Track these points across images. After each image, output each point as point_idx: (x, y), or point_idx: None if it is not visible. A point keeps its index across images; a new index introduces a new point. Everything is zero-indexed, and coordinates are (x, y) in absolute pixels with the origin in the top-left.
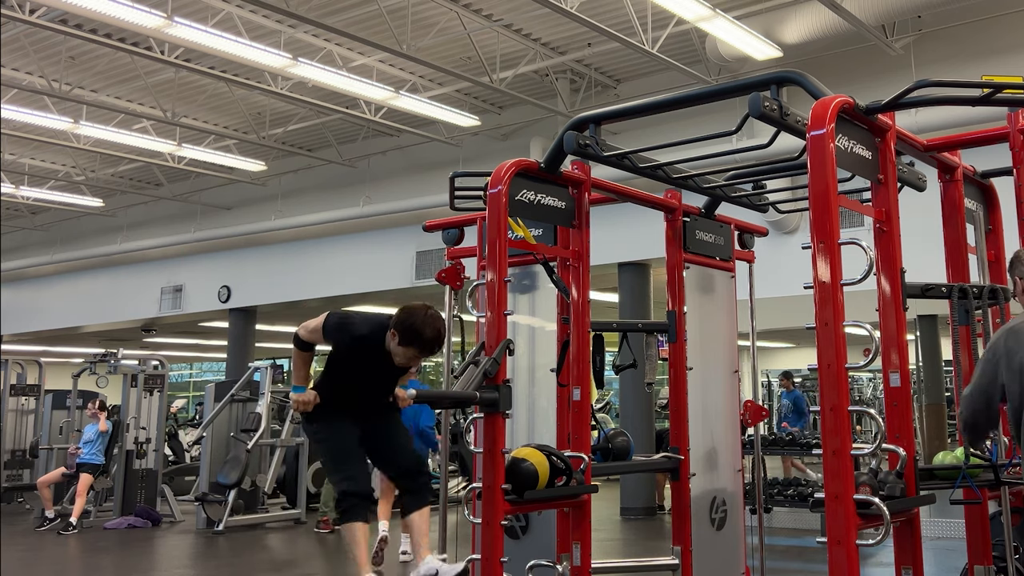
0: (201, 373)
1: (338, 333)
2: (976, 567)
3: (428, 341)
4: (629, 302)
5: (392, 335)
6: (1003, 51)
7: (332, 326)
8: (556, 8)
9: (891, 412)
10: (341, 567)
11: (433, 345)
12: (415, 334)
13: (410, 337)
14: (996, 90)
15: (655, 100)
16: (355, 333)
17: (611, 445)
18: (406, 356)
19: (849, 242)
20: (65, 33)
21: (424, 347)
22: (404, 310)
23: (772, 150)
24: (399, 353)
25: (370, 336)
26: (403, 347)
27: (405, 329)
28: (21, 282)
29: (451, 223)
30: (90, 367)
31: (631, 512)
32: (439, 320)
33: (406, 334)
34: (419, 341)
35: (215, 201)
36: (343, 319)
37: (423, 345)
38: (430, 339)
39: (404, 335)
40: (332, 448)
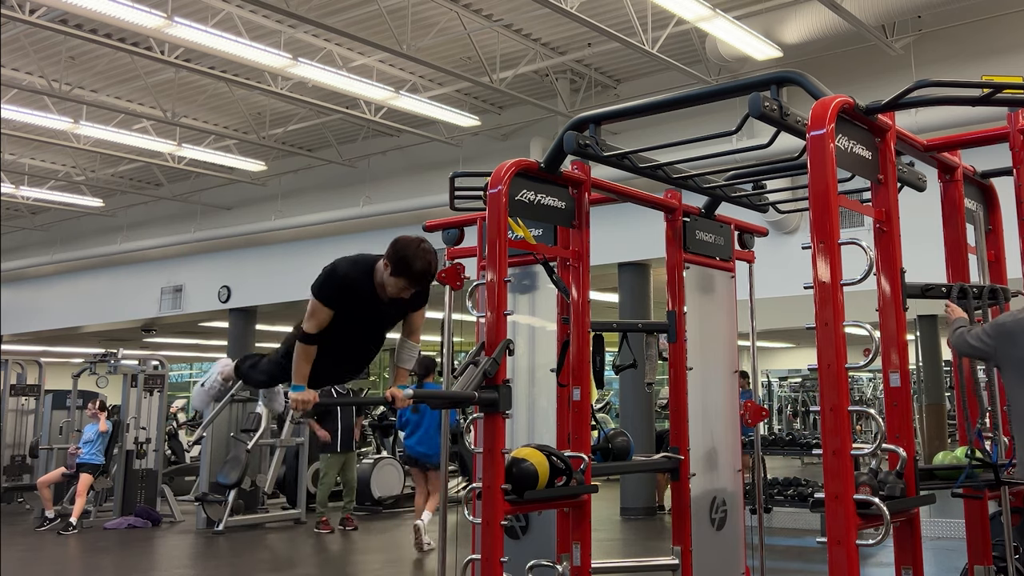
0: (201, 373)
1: (333, 290)
2: (976, 567)
3: (419, 272)
4: (629, 302)
5: (384, 265)
6: (1003, 51)
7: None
8: (556, 8)
9: (891, 412)
10: (341, 567)
11: (423, 277)
12: (407, 264)
13: (402, 267)
14: (996, 90)
15: (655, 100)
16: (344, 277)
17: (611, 445)
18: (396, 286)
19: (849, 242)
20: (65, 33)
21: (415, 277)
22: (397, 241)
23: (772, 150)
24: (390, 283)
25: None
26: (394, 277)
27: (398, 260)
28: (21, 282)
29: (451, 223)
30: (90, 367)
31: (631, 512)
32: (431, 254)
33: (398, 264)
34: (410, 271)
35: (215, 201)
36: (330, 273)
37: (414, 275)
38: (421, 270)
39: (396, 265)
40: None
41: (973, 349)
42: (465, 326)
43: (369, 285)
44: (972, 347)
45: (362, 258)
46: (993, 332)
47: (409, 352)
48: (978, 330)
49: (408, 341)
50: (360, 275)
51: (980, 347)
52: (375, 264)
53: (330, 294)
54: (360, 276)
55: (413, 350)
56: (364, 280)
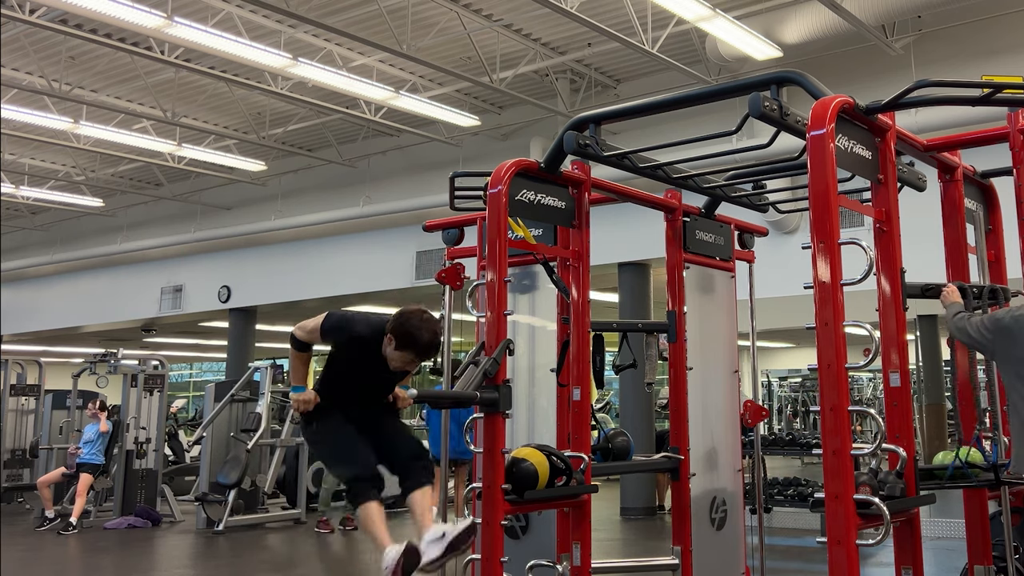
0: (201, 373)
1: (337, 333)
2: (976, 567)
3: (424, 345)
4: (629, 302)
5: (388, 340)
6: (1003, 51)
7: (331, 326)
8: (556, 8)
9: (891, 412)
10: (341, 567)
11: (429, 350)
12: (412, 339)
13: (406, 342)
14: (996, 90)
15: (655, 100)
16: (354, 333)
17: (611, 445)
18: (402, 360)
19: (849, 242)
20: (65, 33)
21: (420, 352)
22: (400, 315)
23: (772, 150)
24: (395, 358)
25: (369, 337)
26: (399, 351)
27: (402, 335)
28: (21, 282)
29: (451, 223)
30: (90, 367)
31: (631, 512)
32: (435, 323)
33: (403, 339)
34: (416, 346)
35: (215, 201)
36: (342, 319)
37: (420, 350)
38: (426, 343)
39: (400, 340)
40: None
41: (971, 339)
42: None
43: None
44: (971, 337)
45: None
46: (992, 327)
47: None
48: (977, 321)
49: None
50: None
51: (979, 339)
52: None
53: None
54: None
55: None
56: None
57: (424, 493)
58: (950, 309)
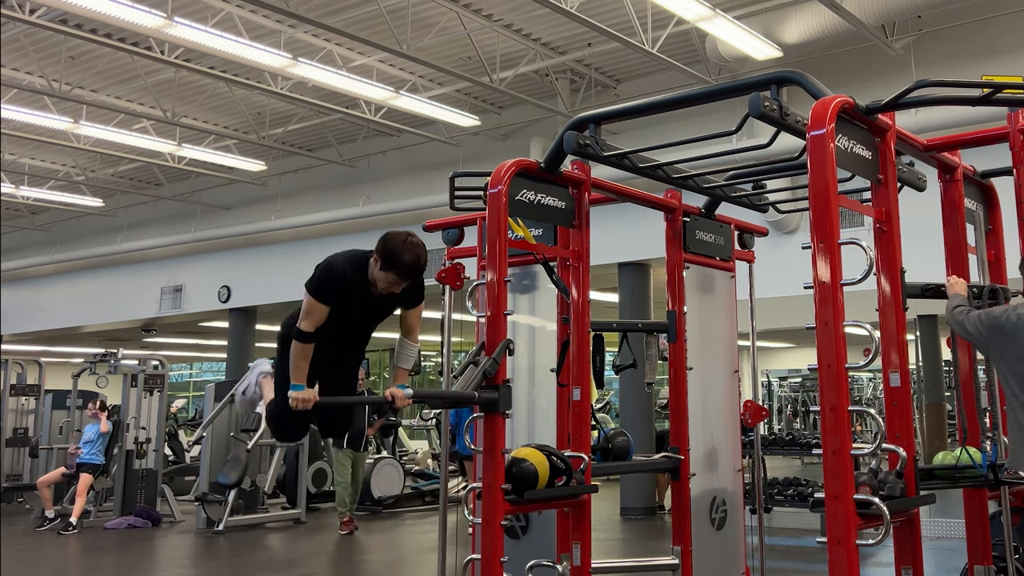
0: (201, 373)
1: (329, 288)
2: (976, 567)
3: (408, 266)
4: (629, 302)
5: (375, 260)
6: (1003, 51)
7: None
8: (556, 8)
9: (891, 412)
10: (342, 567)
11: (413, 271)
12: (395, 259)
13: (391, 262)
14: (996, 90)
15: (655, 100)
16: (340, 274)
17: (611, 445)
18: (387, 281)
19: (849, 242)
20: (65, 33)
21: (404, 271)
22: (386, 236)
23: (772, 150)
24: (380, 278)
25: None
26: (384, 272)
27: (387, 254)
28: (21, 282)
29: (451, 223)
30: (90, 367)
31: (631, 512)
32: (420, 248)
33: (387, 259)
34: (399, 265)
35: (215, 201)
36: (326, 271)
37: (403, 269)
38: (410, 264)
39: (385, 260)
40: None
41: (968, 334)
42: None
43: (363, 281)
44: (967, 332)
45: (355, 254)
46: (988, 324)
47: (408, 352)
48: (975, 317)
49: (406, 341)
50: (354, 272)
51: (975, 335)
52: (368, 260)
53: (327, 292)
54: (354, 273)
55: (412, 350)
56: (359, 276)
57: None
58: (952, 300)
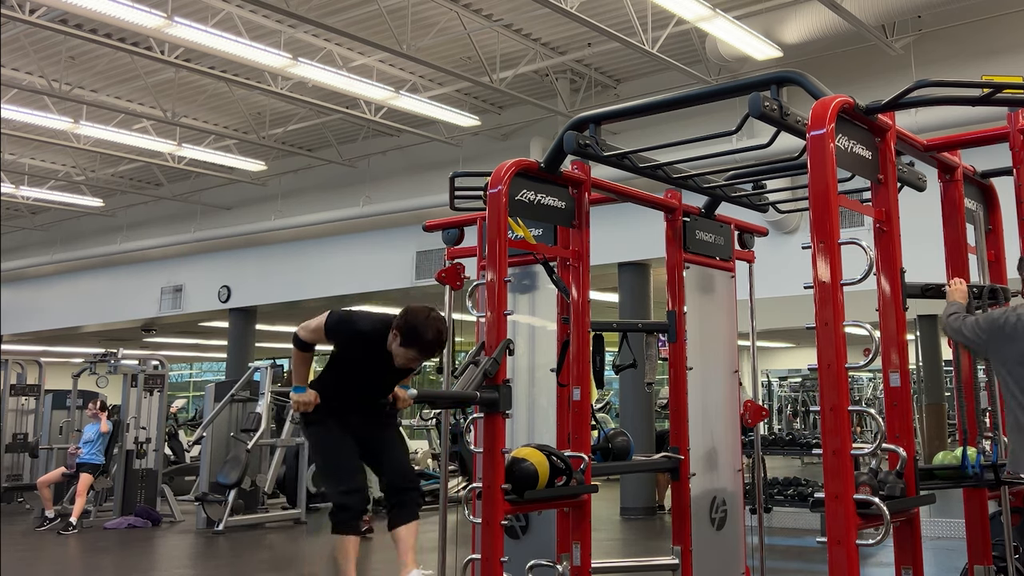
0: (201, 373)
1: (340, 332)
2: (976, 567)
3: (429, 343)
4: (629, 302)
5: (394, 336)
6: (1003, 51)
7: (334, 325)
8: (556, 8)
9: (891, 412)
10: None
11: (434, 348)
12: (417, 336)
13: (412, 339)
14: (996, 90)
15: (655, 100)
16: (357, 330)
17: (611, 445)
18: (406, 357)
19: (849, 242)
20: (65, 33)
21: (425, 349)
22: (407, 311)
23: (772, 150)
24: (399, 354)
25: (372, 334)
26: (404, 348)
27: (408, 331)
28: (21, 282)
29: (451, 223)
30: (90, 367)
31: (631, 512)
32: (441, 323)
33: (408, 335)
34: (420, 343)
35: (215, 201)
36: (345, 317)
37: (424, 347)
38: (431, 341)
39: (406, 336)
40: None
41: (964, 339)
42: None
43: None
44: (964, 336)
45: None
46: (987, 326)
47: None
48: (972, 321)
49: None
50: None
51: (973, 339)
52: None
53: (337, 338)
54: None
55: None
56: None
57: (410, 530)
58: (947, 308)
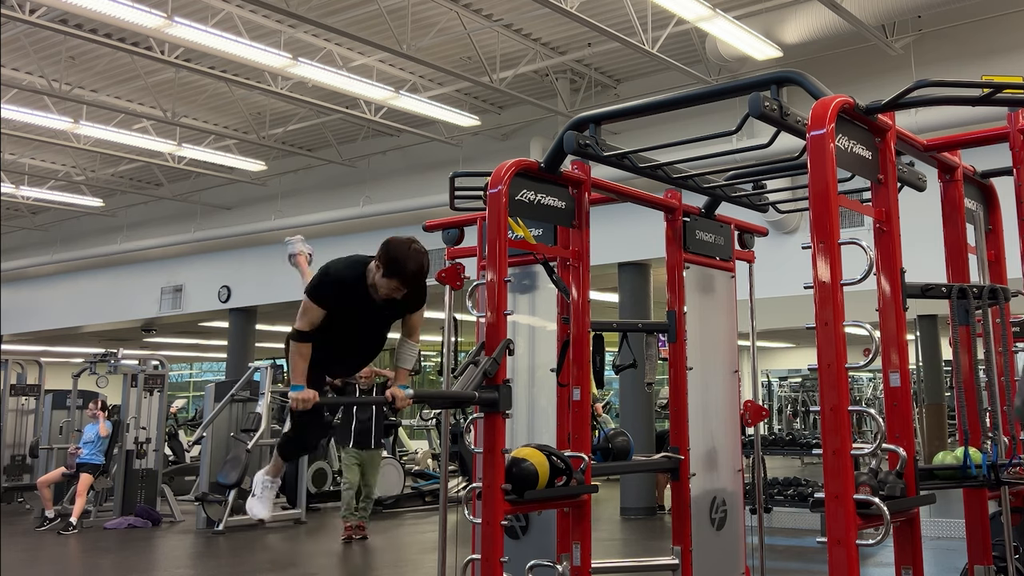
0: (201, 373)
1: (326, 290)
2: (976, 567)
3: (411, 272)
4: (629, 302)
5: (376, 267)
6: (1003, 51)
7: (316, 289)
8: (556, 8)
9: (891, 412)
10: (342, 567)
11: (416, 277)
12: (399, 265)
13: (394, 268)
14: (996, 90)
15: (655, 100)
16: (337, 278)
17: (611, 445)
18: (389, 287)
19: (849, 242)
20: (65, 33)
21: (407, 278)
22: (388, 242)
23: (772, 150)
24: (382, 285)
25: (350, 274)
26: (386, 278)
27: (390, 260)
28: (21, 282)
29: (451, 223)
30: (90, 367)
31: (631, 512)
32: (423, 254)
33: (391, 265)
34: (403, 271)
35: (215, 201)
36: (320, 276)
37: (406, 276)
38: (413, 271)
39: (388, 266)
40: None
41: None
42: (465, 326)
43: (363, 286)
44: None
45: (355, 259)
46: None
47: (409, 352)
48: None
49: (407, 341)
50: (354, 277)
51: None
52: (368, 265)
53: (323, 294)
54: (354, 278)
55: (412, 350)
56: (358, 282)
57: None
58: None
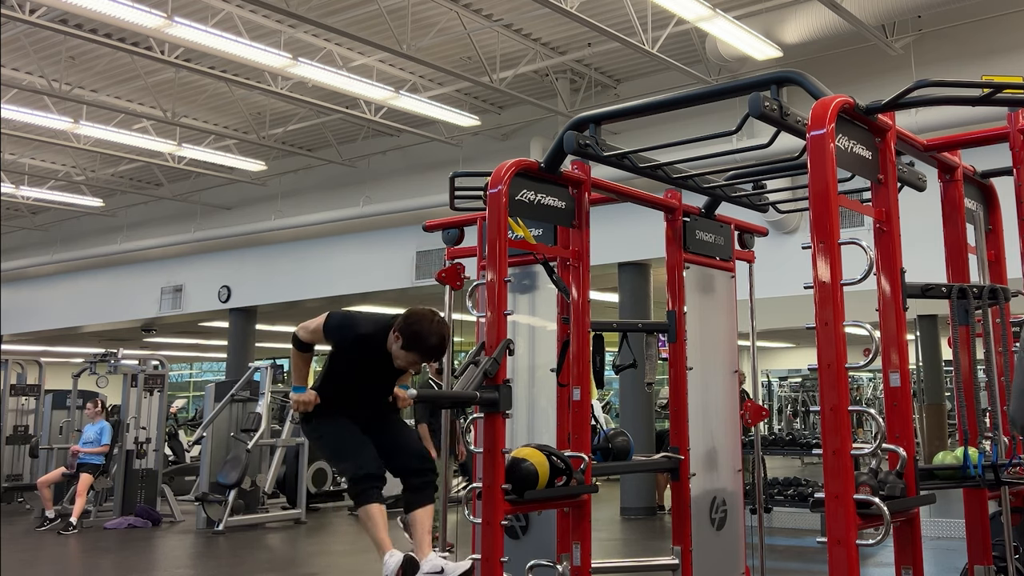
0: (201, 373)
1: (340, 332)
2: (976, 567)
3: (431, 348)
4: (629, 302)
5: (396, 337)
6: (1003, 51)
7: (334, 325)
8: (556, 8)
9: (891, 412)
10: (342, 567)
11: (436, 352)
12: (419, 340)
13: (414, 342)
14: (996, 90)
15: (655, 100)
16: (357, 332)
17: (611, 445)
18: (407, 360)
19: (849, 242)
20: (65, 33)
21: (426, 353)
22: (410, 313)
23: (772, 150)
24: (400, 356)
25: (372, 335)
26: (405, 351)
27: (411, 334)
28: (21, 282)
29: (451, 223)
30: (90, 367)
31: (631, 512)
32: (445, 328)
33: (410, 339)
34: (422, 347)
35: (215, 201)
36: (345, 318)
37: (426, 351)
38: (434, 346)
39: (408, 340)
40: (333, 441)
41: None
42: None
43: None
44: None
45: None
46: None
47: None
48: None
49: None
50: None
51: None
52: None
53: (339, 340)
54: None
55: None
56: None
57: (427, 513)
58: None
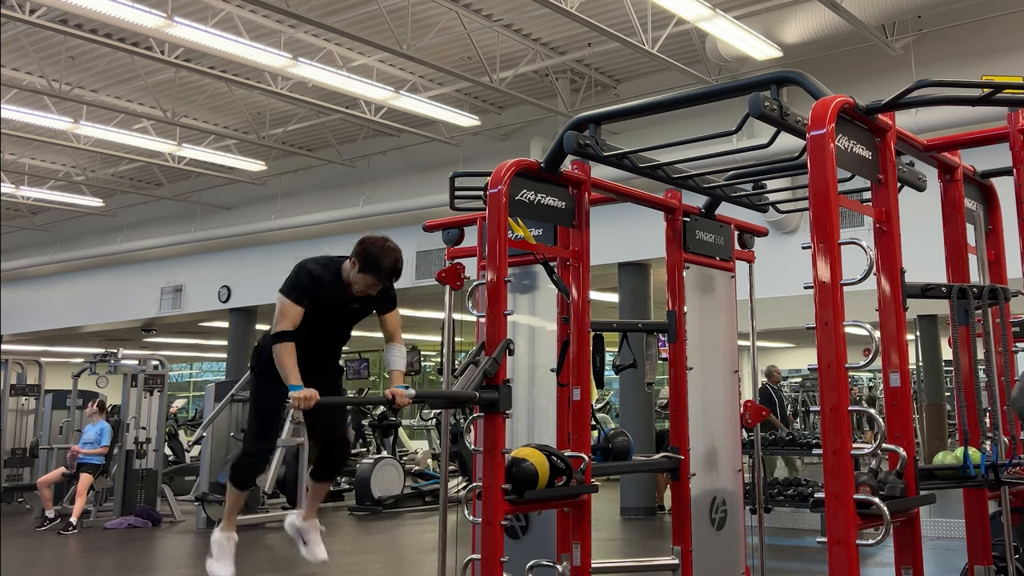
0: (201, 373)
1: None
2: (976, 567)
3: (387, 267)
4: (629, 302)
5: (352, 263)
6: (1003, 51)
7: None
8: (556, 8)
9: (891, 412)
10: (342, 567)
11: (391, 272)
12: (375, 260)
13: (370, 264)
14: (996, 90)
15: (655, 100)
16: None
17: (611, 445)
18: (365, 283)
19: (849, 242)
20: (65, 33)
21: (383, 274)
22: (364, 239)
23: (772, 150)
24: (358, 281)
25: (326, 273)
26: (362, 274)
27: (367, 256)
28: (21, 282)
29: (451, 223)
30: (90, 367)
31: (631, 512)
32: (398, 251)
33: (367, 261)
34: (378, 266)
35: (215, 201)
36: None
37: (382, 272)
38: (389, 266)
39: (364, 262)
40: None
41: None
42: (465, 326)
43: (338, 284)
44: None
45: (327, 258)
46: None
47: (397, 354)
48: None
49: (392, 344)
50: (329, 275)
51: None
52: (342, 264)
53: (300, 293)
54: (329, 275)
55: (400, 351)
56: (333, 279)
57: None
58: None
